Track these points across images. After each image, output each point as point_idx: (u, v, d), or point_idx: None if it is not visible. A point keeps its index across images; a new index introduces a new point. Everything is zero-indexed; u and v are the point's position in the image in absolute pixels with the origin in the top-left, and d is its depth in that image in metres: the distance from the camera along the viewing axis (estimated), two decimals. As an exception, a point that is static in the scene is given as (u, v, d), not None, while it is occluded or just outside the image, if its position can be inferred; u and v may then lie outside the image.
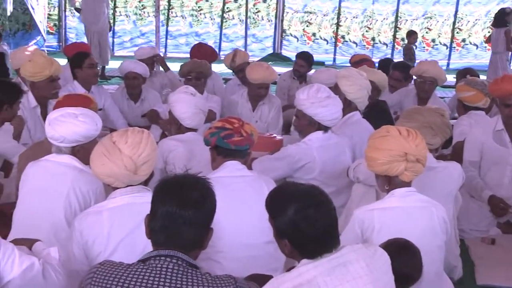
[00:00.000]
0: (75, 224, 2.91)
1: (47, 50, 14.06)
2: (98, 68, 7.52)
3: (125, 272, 2.21)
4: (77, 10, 11.95)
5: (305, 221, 2.30)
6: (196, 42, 11.27)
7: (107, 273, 2.23)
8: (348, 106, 4.87)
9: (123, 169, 2.87)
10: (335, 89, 4.91)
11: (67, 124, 3.43)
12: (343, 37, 15.90)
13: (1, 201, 4.36)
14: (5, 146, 4.71)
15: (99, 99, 5.95)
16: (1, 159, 4.86)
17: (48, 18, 16.26)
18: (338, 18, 15.82)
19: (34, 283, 2.59)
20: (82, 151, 3.46)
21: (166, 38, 16.02)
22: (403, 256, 2.72)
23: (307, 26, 15.95)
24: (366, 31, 15.75)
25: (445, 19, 15.60)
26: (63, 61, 6.41)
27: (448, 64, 15.26)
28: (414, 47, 12.80)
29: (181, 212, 2.28)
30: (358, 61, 7.34)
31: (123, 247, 2.82)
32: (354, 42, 15.84)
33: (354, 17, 15.78)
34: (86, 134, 3.45)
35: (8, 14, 14.50)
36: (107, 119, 6.25)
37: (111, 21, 12.19)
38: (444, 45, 15.74)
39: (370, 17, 15.69)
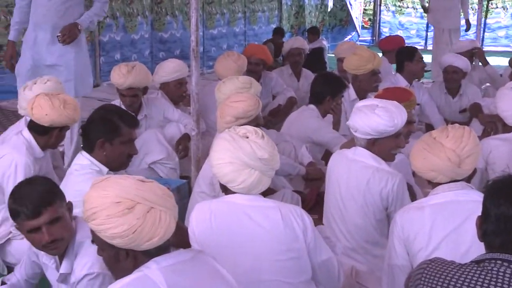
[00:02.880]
0: (396, 219, 2.91)
1: (361, 45, 14.49)
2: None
3: (457, 272, 2.12)
4: (424, 8, 11.13)
5: None
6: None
7: (438, 270, 2.17)
8: None
9: (446, 161, 2.79)
10: None
11: (360, 115, 3.43)
12: None
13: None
14: (327, 136, 4.95)
15: (418, 94, 5.92)
16: (323, 149, 5.11)
17: (363, 13, 16.76)
18: None
19: (329, 275, 2.83)
20: (377, 146, 3.43)
21: (484, 31, 15.38)
22: None
23: None
24: None
25: None
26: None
27: None
28: None
29: None
30: None
31: (445, 245, 2.74)
32: None
33: None
34: (377, 128, 3.37)
35: (328, 10, 15.24)
36: (422, 114, 6.28)
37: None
38: None
39: None
